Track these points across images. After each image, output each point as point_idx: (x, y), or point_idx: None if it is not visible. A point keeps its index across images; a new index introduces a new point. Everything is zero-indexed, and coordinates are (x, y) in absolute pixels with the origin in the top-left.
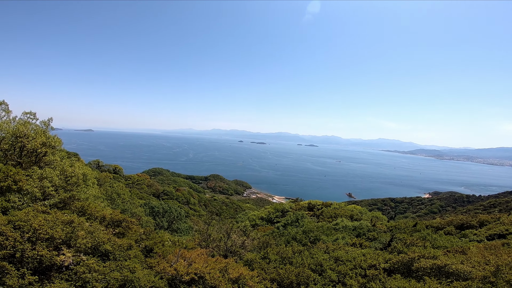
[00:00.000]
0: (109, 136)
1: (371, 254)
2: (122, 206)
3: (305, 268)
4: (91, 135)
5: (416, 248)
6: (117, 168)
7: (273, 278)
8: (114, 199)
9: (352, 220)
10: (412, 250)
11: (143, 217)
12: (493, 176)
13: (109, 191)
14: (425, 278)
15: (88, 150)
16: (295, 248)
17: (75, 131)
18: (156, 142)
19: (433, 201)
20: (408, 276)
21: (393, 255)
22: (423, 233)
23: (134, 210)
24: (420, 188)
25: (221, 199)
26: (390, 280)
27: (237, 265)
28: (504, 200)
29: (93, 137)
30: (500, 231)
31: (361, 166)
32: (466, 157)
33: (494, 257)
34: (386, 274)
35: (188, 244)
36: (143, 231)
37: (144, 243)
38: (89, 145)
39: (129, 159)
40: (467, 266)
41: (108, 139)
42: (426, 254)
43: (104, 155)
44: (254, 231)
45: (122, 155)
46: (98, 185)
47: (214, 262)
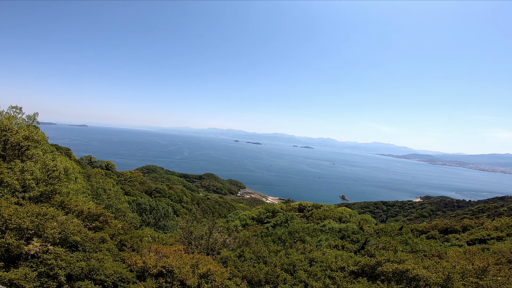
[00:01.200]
0: (104, 132)
1: (343, 256)
2: (107, 201)
3: (276, 268)
4: (85, 131)
5: (386, 252)
6: (110, 164)
7: (244, 276)
8: (100, 195)
9: (340, 222)
10: (381, 253)
11: (129, 214)
12: (484, 182)
13: (95, 186)
14: (378, 283)
15: (81, 145)
16: (271, 248)
17: (69, 126)
18: (151, 140)
19: (424, 205)
20: (374, 280)
21: (363, 258)
22: (405, 236)
23: (119, 206)
24: (412, 192)
25: (214, 198)
26: (353, 283)
27: (208, 262)
28: (493, 205)
29: (87, 132)
30: (482, 236)
31: (356, 169)
32: (459, 162)
33: (465, 262)
34: (353, 276)
35: (168, 240)
36: (121, 226)
37: (120, 237)
38: (82, 140)
39: (123, 155)
40: (427, 272)
41: (102, 135)
42: (392, 258)
43: (97, 151)
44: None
45: (116, 151)
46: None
47: (188, 258)
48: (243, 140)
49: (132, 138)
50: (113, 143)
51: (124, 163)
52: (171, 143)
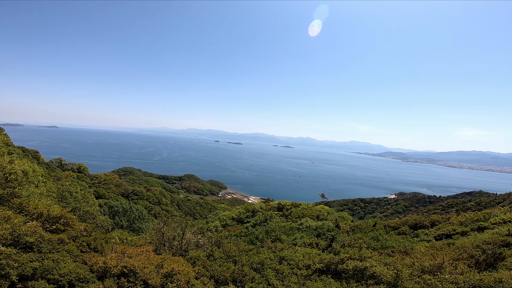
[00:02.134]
0: (76, 134)
1: (311, 254)
2: (73, 204)
3: (244, 267)
4: (56, 132)
5: (350, 249)
6: (82, 167)
7: (212, 275)
8: (66, 198)
9: (318, 220)
10: (345, 251)
11: (99, 216)
12: (452, 178)
13: (61, 189)
14: (343, 282)
15: (51, 147)
16: (241, 247)
17: (38, 127)
18: (128, 141)
19: (398, 201)
20: (338, 277)
21: (329, 255)
22: (376, 233)
23: (87, 209)
24: (387, 189)
25: (195, 200)
26: (316, 280)
27: (176, 262)
28: (461, 200)
29: (57, 134)
30: (448, 231)
31: (334, 168)
32: (429, 159)
33: (428, 257)
34: (318, 274)
35: (138, 242)
36: (84, 228)
37: (82, 239)
38: (52, 142)
39: (97, 158)
40: (386, 269)
41: (75, 137)
42: (355, 256)
43: (69, 153)
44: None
45: (90, 153)
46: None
47: (155, 258)
48: (224, 140)
49: (107, 140)
50: (86, 145)
51: (99, 165)
52: (149, 144)
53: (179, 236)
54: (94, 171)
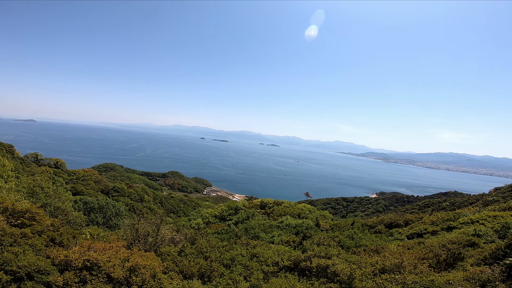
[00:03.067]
0: (54, 128)
1: (281, 251)
2: (44, 200)
3: (213, 262)
4: (33, 126)
5: (317, 247)
6: (59, 162)
7: (181, 270)
8: (37, 193)
9: (299, 218)
10: (312, 248)
11: (73, 212)
12: (430, 178)
13: (32, 184)
14: (287, 277)
15: (28, 142)
16: (213, 243)
17: (14, 121)
18: (110, 136)
19: (378, 200)
20: (304, 274)
21: (297, 252)
22: (351, 231)
23: (59, 205)
24: (369, 188)
25: (179, 197)
26: (281, 277)
27: (141, 256)
28: (436, 200)
29: (35, 128)
30: (420, 230)
31: (319, 167)
32: (409, 160)
33: (396, 256)
34: (285, 271)
35: (111, 238)
36: (50, 223)
37: (48, 233)
38: (30, 136)
39: (77, 153)
40: (347, 267)
41: (53, 131)
42: (322, 253)
43: (46, 148)
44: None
45: (69, 148)
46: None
47: (123, 253)
48: (210, 138)
49: (88, 135)
50: (65, 140)
51: (79, 161)
52: (132, 140)
53: (153, 232)
54: (73, 167)
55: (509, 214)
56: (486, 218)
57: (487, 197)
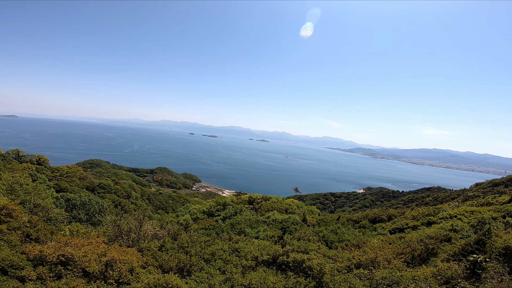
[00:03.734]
0: (37, 124)
1: (261, 246)
2: (23, 197)
3: (192, 257)
4: (14, 122)
5: (296, 241)
6: (42, 158)
7: (160, 265)
8: (15, 190)
9: (286, 213)
10: (291, 243)
11: (54, 209)
12: (414, 174)
13: (11, 181)
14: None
15: (9, 138)
16: (194, 238)
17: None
18: (96, 132)
19: (365, 196)
20: (283, 269)
21: (275, 247)
22: (335, 226)
23: (38, 202)
24: (357, 183)
25: (167, 193)
26: (257, 271)
27: (119, 251)
28: (420, 195)
29: (16, 123)
30: (401, 225)
31: (308, 162)
32: (395, 156)
33: (373, 251)
34: (263, 265)
35: (91, 234)
36: (27, 219)
37: (24, 229)
38: (11, 132)
39: (61, 149)
40: (324, 262)
41: (36, 127)
42: (296, 248)
43: (29, 145)
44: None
45: (52, 145)
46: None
47: (101, 248)
48: (199, 133)
49: (72, 130)
50: (48, 136)
51: (63, 157)
52: (119, 135)
53: (136, 228)
54: (57, 163)
55: (486, 209)
56: (464, 213)
57: (468, 193)
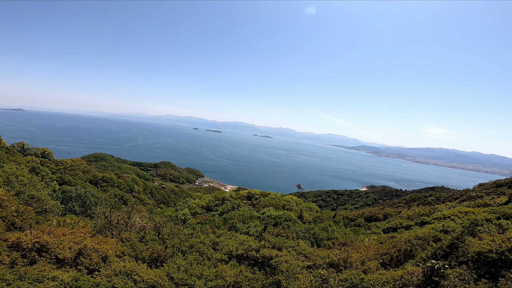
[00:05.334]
0: (43, 117)
1: (240, 241)
2: (18, 188)
3: (168, 249)
4: (21, 115)
5: (274, 237)
6: (46, 151)
7: (136, 255)
8: (11, 181)
9: (284, 210)
10: (267, 239)
11: (50, 201)
12: (419, 173)
13: (8, 173)
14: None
15: (15, 131)
16: (174, 230)
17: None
18: (101, 126)
19: (368, 194)
20: (256, 264)
21: (253, 242)
22: (326, 224)
23: (33, 193)
24: (360, 181)
25: (170, 187)
26: (229, 265)
27: (94, 240)
28: (423, 195)
29: (23, 117)
30: (395, 225)
31: (312, 159)
32: (399, 154)
33: (355, 250)
34: (236, 260)
35: (78, 225)
36: (15, 209)
37: (9, 218)
38: (17, 126)
39: (66, 143)
40: (292, 259)
41: (42, 120)
42: (271, 244)
43: (35, 138)
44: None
45: (58, 138)
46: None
47: (79, 237)
48: (203, 128)
49: (78, 124)
50: (54, 129)
51: (68, 150)
52: (124, 129)
53: (123, 220)
54: (62, 156)
55: (482, 210)
56: (458, 214)
57: (471, 193)
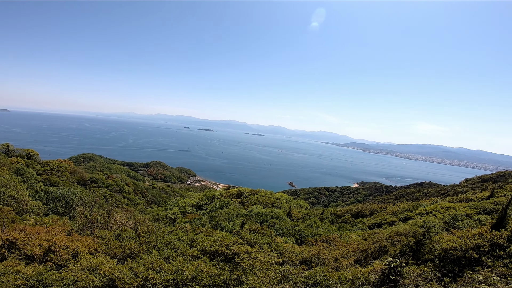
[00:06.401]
0: (30, 118)
1: (216, 237)
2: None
3: (142, 245)
4: (7, 116)
5: (248, 234)
6: (32, 153)
7: (109, 252)
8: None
9: (272, 207)
10: (242, 235)
11: (31, 202)
12: (408, 169)
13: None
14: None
15: (0, 132)
16: (151, 228)
17: None
18: (90, 126)
19: (359, 190)
20: (229, 260)
21: (226, 239)
22: (311, 221)
23: (12, 194)
24: (351, 178)
25: (161, 187)
26: (199, 260)
27: (69, 238)
28: (411, 190)
29: (9, 118)
30: (380, 221)
31: (304, 157)
32: (389, 151)
33: (343, 246)
34: (208, 256)
35: (56, 223)
36: None
37: None
38: (3, 127)
39: (54, 143)
40: (261, 256)
41: (28, 121)
42: (240, 241)
43: (21, 139)
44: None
45: (45, 139)
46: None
47: (51, 235)
48: (194, 127)
49: (66, 124)
50: (41, 130)
51: (55, 151)
52: (114, 129)
53: (103, 219)
54: (49, 157)
55: (463, 205)
56: (440, 209)
57: (457, 188)
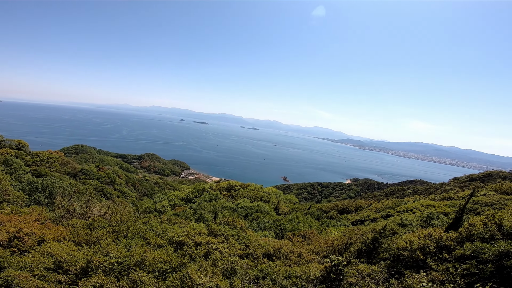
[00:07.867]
0: (21, 108)
1: (185, 229)
2: None
3: (111, 234)
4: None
5: (216, 226)
6: (21, 143)
7: (79, 240)
8: None
9: (261, 201)
10: (210, 227)
11: (13, 192)
12: (400, 166)
13: None
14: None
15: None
16: (124, 218)
17: None
18: (83, 117)
19: (351, 186)
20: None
21: (193, 230)
22: (293, 215)
23: None
24: (344, 174)
25: (154, 180)
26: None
27: (38, 227)
28: (401, 188)
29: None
30: (363, 217)
31: (298, 152)
32: (382, 148)
33: (316, 241)
34: (173, 246)
35: (32, 213)
36: None
37: None
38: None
39: (45, 134)
40: (224, 248)
41: (19, 111)
42: (204, 231)
43: (11, 129)
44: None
45: (36, 129)
46: None
47: (20, 223)
48: (189, 120)
49: (58, 115)
50: (32, 120)
51: (47, 142)
52: (107, 121)
53: (81, 209)
54: (41, 148)
55: (443, 204)
56: (419, 207)
57: (446, 186)
